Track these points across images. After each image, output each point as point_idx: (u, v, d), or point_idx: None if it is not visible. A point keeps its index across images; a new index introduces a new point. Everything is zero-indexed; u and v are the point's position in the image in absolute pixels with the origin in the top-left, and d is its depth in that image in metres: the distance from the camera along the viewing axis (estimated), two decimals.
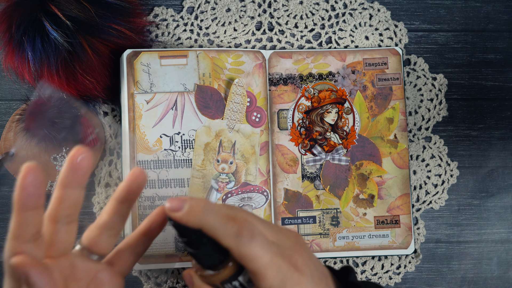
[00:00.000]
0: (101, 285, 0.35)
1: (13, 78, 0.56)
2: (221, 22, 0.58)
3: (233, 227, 0.32)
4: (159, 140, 0.54)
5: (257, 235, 0.32)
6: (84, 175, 0.32)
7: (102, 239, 0.35)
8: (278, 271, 0.32)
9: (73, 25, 0.49)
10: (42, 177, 0.29)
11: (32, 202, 0.30)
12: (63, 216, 0.33)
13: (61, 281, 0.33)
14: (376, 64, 0.58)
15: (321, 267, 0.36)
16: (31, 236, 0.30)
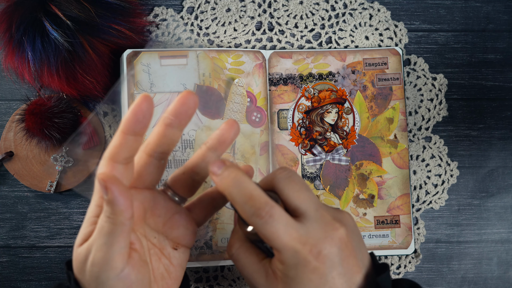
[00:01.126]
0: (176, 227, 0.36)
1: (13, 78, 0.56)
2: (221, 22, 0.58)
3: (250, 208, 0.34)
4: None
5: (275, 219, 0.33)
6: (187, 117, 0.34)
7: (187, 183, 0.37)
8: (293, 255, 0.33)
9: (74, 25, 0.49)
10: (152, 109, 0.32)
11: (137, 128, 0.32)
12: (158, 152, 0.35)
13: (141, 211, 0.35)
14: (376, 64, 0.58)
15: (351, 263, 0.34)
16: (124, 158, 0.32)
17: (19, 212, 0.56)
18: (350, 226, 0.36)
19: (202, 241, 0.55)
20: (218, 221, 0.55)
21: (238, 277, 0.57)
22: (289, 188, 0.35)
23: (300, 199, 0.35)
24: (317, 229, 0.34)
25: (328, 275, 0.33)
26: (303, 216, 0.35)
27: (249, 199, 0.34)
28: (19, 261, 0.56)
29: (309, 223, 0.34)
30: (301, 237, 0.33)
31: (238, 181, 0.34)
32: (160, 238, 0.37)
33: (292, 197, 0.35)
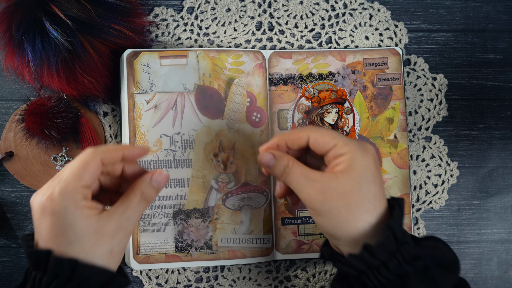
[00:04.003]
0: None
1: (13, 78, 0.56)
2: (221, 22, 0.58)
3: (281, 165, 0.44)
4: (159, 140, 0.54)
5: (292, 173, 0.43)
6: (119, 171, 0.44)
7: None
8: (308, 197, 0.42)
9: (74, 24, 0.49)
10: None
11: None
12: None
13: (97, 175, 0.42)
14: (376, 64, 0.58)
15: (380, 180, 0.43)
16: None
17: (19, 212, 0.56)
18: (375, 151, 0.43)
19: (202, 241, 0.55)
20: (218, 221, 0.55)
21: (238, 277, 0.57)
22: (318, 132, 0.43)
23: (329, 137, 0.43)
24: (355, 146, 0.42)
25: (335, 212, 0.41)
26: (336, 146, 0.42)
27: (283, 170, 0.44)
28: (19, 261, 0.56)
29: (343, 147, 0.42)
30: (314, 185, 0.41)
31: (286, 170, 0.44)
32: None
33: (322, 136, 0.43)
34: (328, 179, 0.41)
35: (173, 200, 0.54)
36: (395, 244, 0.40)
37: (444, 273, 0.40)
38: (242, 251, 0.55)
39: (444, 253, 0.42)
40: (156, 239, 0.54)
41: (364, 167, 0.41)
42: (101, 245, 0.39)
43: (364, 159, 0.41)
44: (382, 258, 0.39)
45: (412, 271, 0.40)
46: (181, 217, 0.54)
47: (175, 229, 0.54)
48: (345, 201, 0.40)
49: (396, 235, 0.40)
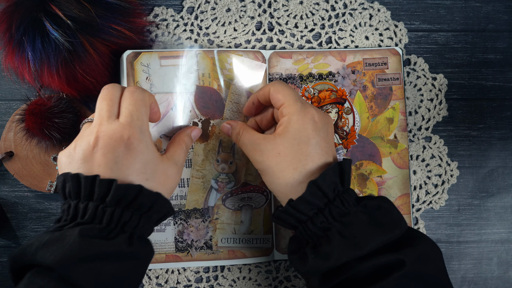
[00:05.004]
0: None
1: (13, 78, 0.56)
2: (221, 22, 0.58)
3: (235, 133, 0.50)
4: (159, 140, 0.54)
5: (242, 139, 0.49)
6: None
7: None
8: (252, 158, 0.48)
9: (74, 24, 0.49)
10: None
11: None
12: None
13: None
14: (376, 64, 0.58)
15: (323, 143, 0.46)
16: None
17: (19, 212, 0.56)
18: (323, 118, 0.46)
19: (202, 241, 0.55)
20: (218, 221, 0.55)
21: (238, 277, 0.57)
22: (275, 87, 0.48)
23: (281, 94, 0.47)
24: (295, 109, 0.46)
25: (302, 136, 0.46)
26: (283, 105, 0.47)
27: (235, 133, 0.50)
28: None
29: (286, 108, 0.46)
30: (257, 146, 0.47)
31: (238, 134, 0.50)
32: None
33: (276, 92, 0.47)
34: (268, 141, 0.46)
35: (173, 200, 0.54)
36: (324, 202, 0.43)
37: (373, 231, 0.42)
38: (242, 251, 0.55)
39: (385, 213, 0.44)
40: (156, 239, 0.54)
41: (298, 129, 0.45)
42: (167, 184, 0.44)
43: (300, 121, 0.45)
44: (309, 213, 0.43)
45: (337, 227, 0.42)
46: (181, 217, 0.54)
47: (175, 229, 0.54)
48: (277, 160, 0.45)
49: (325, 193, 0.43)
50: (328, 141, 0.46)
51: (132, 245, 0.40)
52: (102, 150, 0.41)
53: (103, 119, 0.43)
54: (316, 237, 0.44)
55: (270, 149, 0.46)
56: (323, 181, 0.43)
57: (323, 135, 0.46)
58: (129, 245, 0.40)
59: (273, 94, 0.47)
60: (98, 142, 0.41)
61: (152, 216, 0.42)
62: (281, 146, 0.45)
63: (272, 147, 0.46)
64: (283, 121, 0.46)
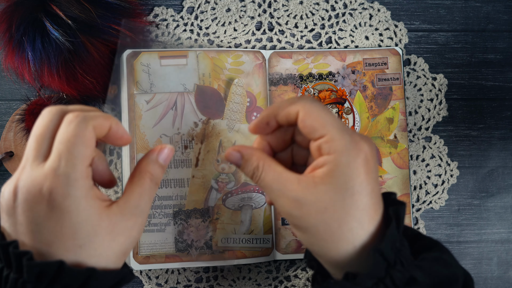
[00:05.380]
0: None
1: (13, 78, 0.56)
2: (221, 22, 0.58)
3: (250, 168, 0.36)
4: (159, 140, 0.54)
5: (263, 178, 0.35)
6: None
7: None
8: (283, 209, 0.35)
9: (75, 25, 0.49)
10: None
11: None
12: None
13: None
14: (376, 64, 0.58)
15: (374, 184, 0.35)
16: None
17: None
18: (374, 152, 0.35)
19: (202, 241, 0.55)
20: (218, 221, 0.55)
21: (238, 277, 0.57)
22: (306, 111, 0.35)
23: (318, 122, 0.34)
24: (342, 145, 0.34)
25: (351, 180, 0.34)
26: (323, 137, 0.34)
27: (251, 167, 0.36)
28: None
29: (329, 142, 0.34)
30: (274, 189, 0.35)
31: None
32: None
33: (310, 118, 0.34)
34: (305, 188, 0.34)
35: (173, 200, 0.54)
36: (385, 267, 0.33)
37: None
38: (242, 251, 0.55)
39: (444, 266, 0.35)
40: (156, 239, 0.54)
41: (349, 175, 0.33)
42: (115, 246, 0.33)
43: (351, 164, 0.33)
44: (367, 284, 0.33)
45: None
46: (181, 217, 0.54)
47: (175, 229, 0.54)
48: (324, 217, 0.33)
49: (387, 258, 0.33)
50: (378, 181, 0.35)
51: None
52: (21, 206, 0.31)
53: (27, 162, 0.33)
54: None
55: (312, 201, 0.33)
56: (387, 246, 0.33)
57: (375, 177, 0.35)
58: None
59: (306, 121, 0.34)
60: (17, 194, 0.32)
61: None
62: (328, 198, 0.33)
63: (314, 199, 0.33)
64: (326, 161, 0.34)
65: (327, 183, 0.33)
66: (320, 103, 0.36)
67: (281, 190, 0.34)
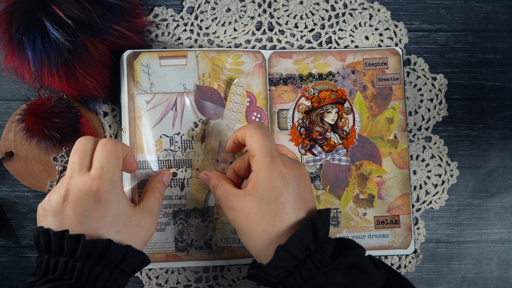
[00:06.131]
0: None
1: (13, 78, 0.56)
2: (221, 22, 0.58)
3: (211, 185, 0.49)
4: (159, 140, 0.54)
5: (217, 192, 0.48)
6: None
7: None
8: (226, 215, 0.47)
9: (74, 25, 0.49)
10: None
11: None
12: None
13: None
14: (376, 64, 0.58)
15: (292, 200, 0.44)
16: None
17: (19, 212, 0.56)
18: (292, 172, 0.44)
19: (202, 241, 0.55)
20: (218, 221, 0.55)
21: (238, 277, 0.57)
22: (250, 133, 0.46)
23: (254, 144, 0.45)
24: (263, 165, 0.44)
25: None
26: (253, 158, 0.45)
27: (211, 185, 0.49)
28: (19, 261, 0.56)
29: (255, 162, 0.45)
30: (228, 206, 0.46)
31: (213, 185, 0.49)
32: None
33: (251, 141, 0.45)
34: (238, 199, 0.45)
35: (173, 200, 0.54)
36: (294, 264, 0.41)
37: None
38: (242, 251, 0.55)
39: (359, 272, 0.41)
40: (156, 238, 0.54)
41: (265, 187, 0.43)
42: (140, 236, 0.44)
43: (267, 178, 0.43)
44: (279, 277, 0.42)
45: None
46: (181, 216, 0.54)
47: (175, 229, 0.54)
48: (247, 220, 0.44)
49: (295, 255, 0.41)
50: (299, 196, 0.44)
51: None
52: (72, 204, 0.41)
53: (74, 172, 0.43)
54: None
55: (241, 208, 0.44)
56: (292, 245, 0.41)
57: (293, 191, 0.43)
58: None
59: (248, 142, 0.46)
60: (68, 195, 0.42)
61: (125, 269, 0.42)
62: (250, 206, 0.44)
63: (242, 206, 0.44)
64: (251, 177, 0.45)
65: (251, 194, 0.44)
66: (263, 129, 0.46)
67: (224, 201, 0.46)
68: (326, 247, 0.43)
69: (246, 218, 0.44)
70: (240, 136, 0.48)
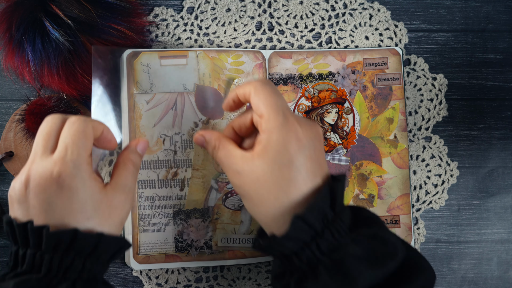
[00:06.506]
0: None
1: (13, 78, 0.56)
2: (221, 22, 0.58)
3: (210, 147, 0.44)
4: (159, 140, 0.54)
5: (218, 155, 0.43)
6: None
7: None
8: (230, 179, 0.42)
9: (74, 25, 0.49)
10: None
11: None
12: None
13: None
14: (376, 64, 0.58)
15: (309, 164, 0.40)
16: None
17: None
18: (308, 133, 0.40)
19: (202, 241, 0.55)
20: (218, 221, 0.55)
21: (238, 277, 0.57)
22: (256, 91, 0.41)
23: (262, 104, 0.40)
24: (275, 125, 0.39)
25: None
26: (263, 118, 0.40)
27: (208, 145, 0.44)
28: None
29: (266, 122, 0.40)
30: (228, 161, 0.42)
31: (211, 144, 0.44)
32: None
33: (258, 101, 0.40)
34: (245, 161, 0.40)
35: (173, 200, 0.54)
36: (311, 235, 0.38)
37: (365, 267, 0.37)
38: (242, 251, 0.55)
39: (380, 243, 0.39)
40: (156, 239, 0.54)
41: (279, 150, 0.39)
42: (114, 217, 0.40)
43: (281, 140, 0.39)
44: (294, 248, 0.38)
45: (327, 263, 0.37)
46: (181, 217, 0.54)
47: (175, 229, 0.54)
48: (256, 186, 0.39)
49: (313, 226, 0.38)
50: (315, 160, 0.40)
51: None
52: (34, 191, 0.38)
53: (36, 155, 0.39)
54: (302, 272, 0.39)
55: (249, 172, 0.40)
56: (310, 214, 0.38)
57: (309, 154, 0.39)
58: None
59: (254, 101, 0.41)
60: (29, 181, 0.38)
61: (100, 256, 0.39)
62: (260, 170, 0.39)
63: (250, 170, 0.40)
64: (262, 138, 0.40)
65: (261, 157, 0.39)
66: (270, 86, 0.41)
67: (228, 164, 0.41)
68: (344, 216, 0.39)
69: (255, 184, 0.39)
70: (243, 94, 0.42)
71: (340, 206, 0.40)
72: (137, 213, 0.54)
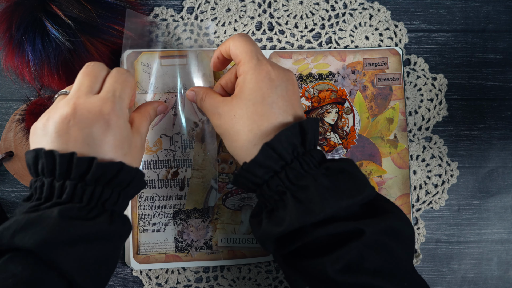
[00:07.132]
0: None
1: (13, 78, 0.56)
2: (221, 22, 0.58)
3: (198, 98, 0.49)
4: (159, 140, 0.54)
5: (204, 104, 0.47)
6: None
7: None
8: (212, 123, 0.46)
9: (74, 25, 0.49)
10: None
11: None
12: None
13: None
14: (376, 64, 0.58)
15: (282, 102, 0.43)
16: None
17: None
18: (281, 75, 0.44)
19: (202, 241, 0.55)
20: (218, 221, 0.55)
21: (238, 277, 0.57)
22: (234, 42, 0.45)
23: (239, 50, 0.44)
24: (249, 67, 0.43)
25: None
26: (240, 63, 0.44)
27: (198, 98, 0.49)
28: None
29: (242, 66, 0.44)
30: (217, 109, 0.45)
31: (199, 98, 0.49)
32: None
33: (235, 48, 0.45)
34: (225, 104, 0.44)
35: (173, 200, 0.54)
36: (281, 164, 0.41)
37: (330, 196, 0.39)
38: (242, 251, 0.55)
39: (347, 177, 0.41)
40: (156, 239, 0.54)
41: (252, 88, 0.43)
42: (139, 157, 0.44)
43: (254, 80, 0.43)
44: (264, 177, 0.41)
45: (292, 190, 0.40)
46: (181, 217, 0.54)
47: (175, 229, 0.54)
48: (233, 122, 0.43)
49: (282, 155, 0.41)
50: (287, 99, 0.43)
51: (113, 223, 0.40)
52: (79, 125, 0.39)
53: (81, 93, 0.41)
54: (273, 201, 0.42)
55: (227, 111, 0.44)
56: (278, 143, 0.40)
57: (281, 93, 0.43)
58: (111, 224, 0.39)
59: (232, 50, 0.45)
60: (75, 115, 0.39)
61: (130, 192, 0.42)
62: (237, 108, 0.43)
63: (228, 110, 0.44)
64: (239, 81, 0.44)
65: (237, 97, 0.43)
66: (246, 36, 0.46)
67: (211, 109, 0.46)
68: (315, 152, 0.42)
69: (232, 121, 0.43)
70: (224, 49, 0.47)
71: (310, 144, 0.42)
72: (137, 213, 0.54)
